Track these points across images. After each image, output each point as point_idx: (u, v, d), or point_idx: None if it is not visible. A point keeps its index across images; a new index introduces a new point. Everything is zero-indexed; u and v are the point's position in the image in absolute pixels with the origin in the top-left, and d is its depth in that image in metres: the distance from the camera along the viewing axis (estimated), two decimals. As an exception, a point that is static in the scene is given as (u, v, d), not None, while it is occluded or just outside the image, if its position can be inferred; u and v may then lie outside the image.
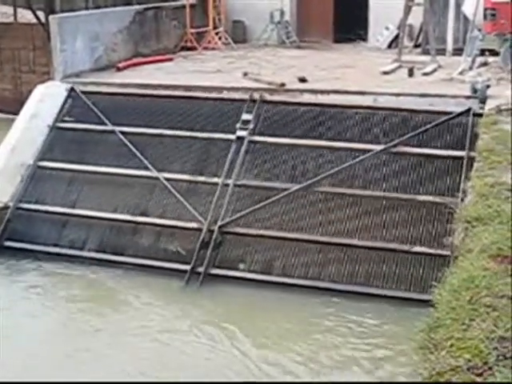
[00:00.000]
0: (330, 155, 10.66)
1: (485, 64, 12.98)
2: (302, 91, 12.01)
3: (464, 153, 9.99)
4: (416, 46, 15.79)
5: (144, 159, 11.21)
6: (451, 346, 4.14)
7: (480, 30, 13.06)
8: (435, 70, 13.27)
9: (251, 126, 11.17)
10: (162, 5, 16.62)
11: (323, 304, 9.25)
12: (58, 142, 11.94)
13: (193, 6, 17.25)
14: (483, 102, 10.67)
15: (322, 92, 11.82)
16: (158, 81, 13.13)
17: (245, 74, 13.27)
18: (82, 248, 10.80)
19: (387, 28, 16.72)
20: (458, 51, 14.13)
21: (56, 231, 11.06)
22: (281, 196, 10.40)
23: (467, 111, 10.51)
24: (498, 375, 3.77)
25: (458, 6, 14.33)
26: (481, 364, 3.90)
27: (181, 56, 16.16)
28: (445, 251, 9.00)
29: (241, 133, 11.13)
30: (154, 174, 11.06)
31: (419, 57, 14.51)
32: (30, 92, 13.03)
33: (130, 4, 16.85)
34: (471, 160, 9.42)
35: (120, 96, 12.44)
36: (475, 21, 13.09)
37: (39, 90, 12.86)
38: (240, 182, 10.73)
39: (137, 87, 12.79)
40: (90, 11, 16.14)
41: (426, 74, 12.98)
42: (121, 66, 14.41)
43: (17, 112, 12.86)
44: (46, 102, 12.49)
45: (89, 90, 12.62)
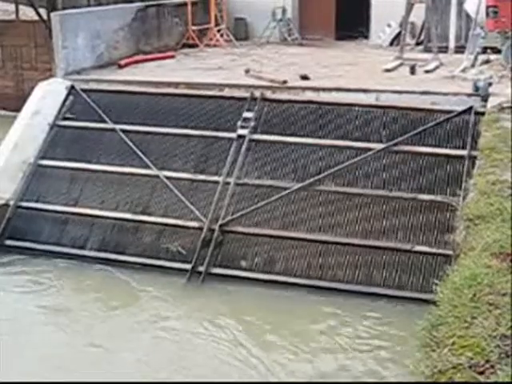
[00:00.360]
0: (332, 153, 10.63)
1: (487, 62, 12.96)
2: (304, 89, 12.00)
3: (465, 152, 9.99)
4: (418, 44, 15.80)
5: (145, 157, 11.21)
6: (453, 343, 4.13)
7: (482, 27, 13.03)
8: (437, 67, 13.26)
9: (252, 124, 11.16)
10: (164, 2, 16.61)
11: (325, 302, 9.25)
12: (59, 140, 11.94)
13: (194, 3, 17.23)
14: (485, 99, 10.65)
15: (324, 89, 11.81)
16: (159, 78, 13.13)
17: (247, 72, 13.25)
18: (83, 247, 10.79)
19: (389, 25, 16.71)
20: (460, 49, 14.10)
21: (57, 230, 11.05)
22: (282, 195, 10.38)
23: (469, 109, 10.50)
24: (500, 373, 3.76)
25: (460, 3, 14.29)
26: (483, 362, 3.89)
27: (182, 53, 16.16)
28: (447, 250, 8.97)
29: (242, 131, 11.12)
30: (155, 172, 11.06)
31: (421, 54, 14.50)
32: (32, 89, 13.03)
33: (131, 1, 16.80)
34: (473, 159, 9.40)
35: (120, 94, 12.43)
36: (477, 18, 13.07)
37: (41, 87, 12.86)
38: (241, 181, 10.72)
39: (138, 84, 12.80)
40: (92, 8, 16.11)
41: (427, 72, 12.96)
42: (122, 63, 14.41)
43: (19, 109, 12.86)
44: (48, 99, 12.49)
45: (89, 88, 12.62)
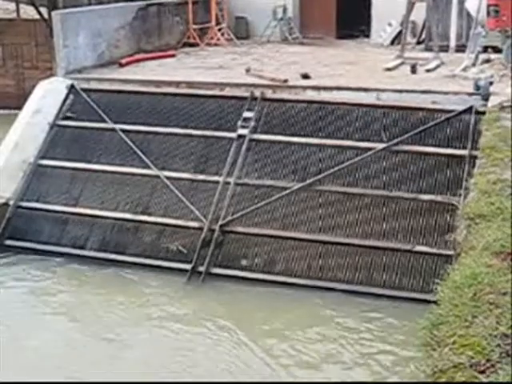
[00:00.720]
0: (332, 153, 10.61)
1: (488, 61, 12.94)
2: (305, 87, 11.99)
3: (466, 151, 9.97)
4: (419, 43, 15.78)
5: (145, 157, 11.20)
6: (454, 343, 4.13)
7: (483, 26, 13.02)
8: (438, 66, 13.25)
9: (252, 123, 11.14)
10: (165, 1, 16.60)
11: (325, 302, 9.24)
12: (59, 139, 11.93)
13: (195, 2, 17.21)
14: (486, 98, 10.63)
15: (325, 88, 11.80)
16: (160, 77, 13.13)
17: (247, 71, 13.25)
18: (83, 247, 10.78)
19: (390, 24, 16.69)
20: (460, 48, 14.08)
21: (57, 230, 11.04)
22: (282, 194, 10.37)
23: (469, 109, 10.48)
24: (501, 372, 3.76)
25: (461, 2, 14.27)
26: (484, 361, 3.89)
27: (183, 52, 16.15)
28: (447, 251, 8.95)
29: (242, 131, 11.10)
30: (156, 172, 11.05)
31: (422, 53, 14.49)
32: (33, 88, 13.04)
33: (132, 0, 16.83)
34: (473, 159, 9.38)
35: (121, 93, 12.42)
36: (478, 17, 13.05)
37: (42, 86, 12.86)
38: (241, 181, 10.71)
39: (139, 83, 12.79)
40: (93, 7, 16.11)
41: (428, 71, 12.95)
42: (123, 62, 14.41)
43: (19, 108, 12.86)
44: (49, 98, 12.49)
45: (89, 88, 12.61)
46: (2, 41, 19.28)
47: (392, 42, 16.56)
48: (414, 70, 12.88)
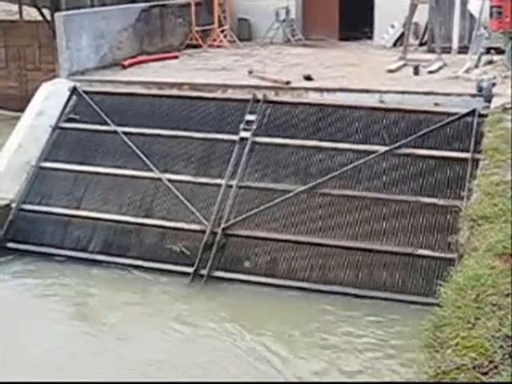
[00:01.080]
0: (334, 156, 10.59)
1: (490, 62, 12.95)
2: (308, 89, 12.00)
3: (469, 155, 9.95)
4: (421, 44, 15.77)
5: (147, 160, 11.20)
6: (457, 344, 4.13)
7: (486, 28, 13.02)
8: (441, 68, 13.25)
9: (254, 126, 11.12)
10: (168, 2, 16.63)
11: (327, 305, 9.24)
12: (62, 141, 11.93)
13: (198, 4, 17.23)
14: (489, 100, 10.63)
15: (328, 90, 11.81)
16: (163, 79, 13.14)
17: (250, 72, 13.26)
18: (86, 249, 10.77)
19: (393, 26, 16.69)
20: (463, 49, 14.10)
21: (60, 232, 11.03)
22: (285, 198, 10.34)
23: (472, 112, 10.45)
24: (504, 374, 3.76)
25: (464, 3, 14.29)
26: (486, 363, 3.89)
27: (186, 54, 16.17)
28: (449, 254, 8.92)
29: (244, 134, 11.08)
30: (158, 175, 11.04)
31: (425, 55, 14.49)
32: (36, 89, 13.05)
33: (135, 2, 16.85)
34: (476, 162, 9.37)
35: (123, 96, 12.41)
36: (481, 19, 13.05)
37: (44, 88, 12.87)
38: (243, 184, 10.68)
39: (142, 85, 12.81)
40: (96, 9, 16.14)
41: (431, 72, 12.95)
42: (126, 63, 14.43)
43: (22, 109, 12.88)
44: (51, 100, 12.50)
45: (91, 90, 12.61)
46: (5, 42, 19.32)
47: (394, 44, 16.55)
48: (416, 71, 12.88)
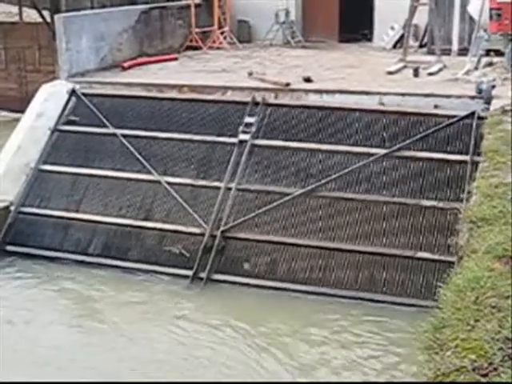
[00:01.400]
0: (333, 159, 10.58)
1: (490, 64, 12.96)
2: (307, 91, 11.99)
3: (468, 157, 9.94)
4: (421, 46, 15.78)
5: (146, 162, 11.19)
6: (456, 346, 4.13)
7: (485, 30, 13.03)
8: (440, 70, 13.25)
9: (254, 129, 11.11)
10: (167, 4, 16.64)
11: (327, 308, 9.24)
12: (61, 144, 11.91)
13: (198, 6, 17.26)
14: (488, 102, 10.63)
15: (327, 92, 11.79)
16: (162, 80, 13.14)
17: (250, 74, 13.26)
18: (85, 252, 10.76)
19: (392, 28, 16.70)
20: (463, 51, 14.11)
21: (59, 235, 11.02)
22: (284, 200, 10.33)
23: (472, 114, 10.44)
24: (504, 376, 3.76)
25: (464, 6, 14.31)
26: (486, 365, 3.89)
27: (186, 55, 16.18)
28: (449, 257, 8.88)
29: (243, 136, 11.07)
30: (157, 177, 11.03)
31: (424, 57, 14.50)
32: (35, 91, 13.06)
33: (135, 3, 16.86)
34: (475, 164, 9.37)
35: (122, 98, 12.40)
36: (481, 21, 13.06)
37: (44, 90, 12.88)
38: (242, 186, 10.67)
39: (141, 87, 12.80)
40: (96, 10, 16.14)
41: (431, 74, 12.96)
42: (126, 65, 14.43)
43: (22, 111, 12.89)
44: (51, 101, 12.50)
45: (90, 92, 12.60)
46: (5, 44, 19.29)
47: (394, 46, 16.57)
48: (416, 73, 12.89)
